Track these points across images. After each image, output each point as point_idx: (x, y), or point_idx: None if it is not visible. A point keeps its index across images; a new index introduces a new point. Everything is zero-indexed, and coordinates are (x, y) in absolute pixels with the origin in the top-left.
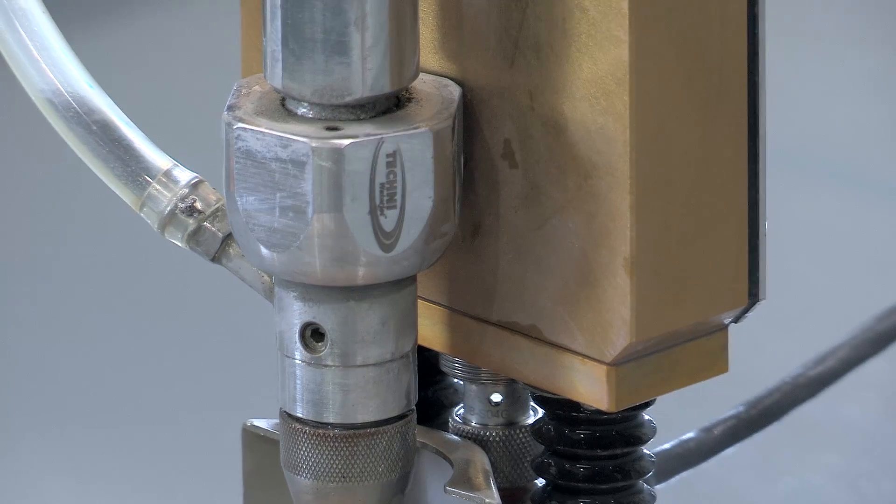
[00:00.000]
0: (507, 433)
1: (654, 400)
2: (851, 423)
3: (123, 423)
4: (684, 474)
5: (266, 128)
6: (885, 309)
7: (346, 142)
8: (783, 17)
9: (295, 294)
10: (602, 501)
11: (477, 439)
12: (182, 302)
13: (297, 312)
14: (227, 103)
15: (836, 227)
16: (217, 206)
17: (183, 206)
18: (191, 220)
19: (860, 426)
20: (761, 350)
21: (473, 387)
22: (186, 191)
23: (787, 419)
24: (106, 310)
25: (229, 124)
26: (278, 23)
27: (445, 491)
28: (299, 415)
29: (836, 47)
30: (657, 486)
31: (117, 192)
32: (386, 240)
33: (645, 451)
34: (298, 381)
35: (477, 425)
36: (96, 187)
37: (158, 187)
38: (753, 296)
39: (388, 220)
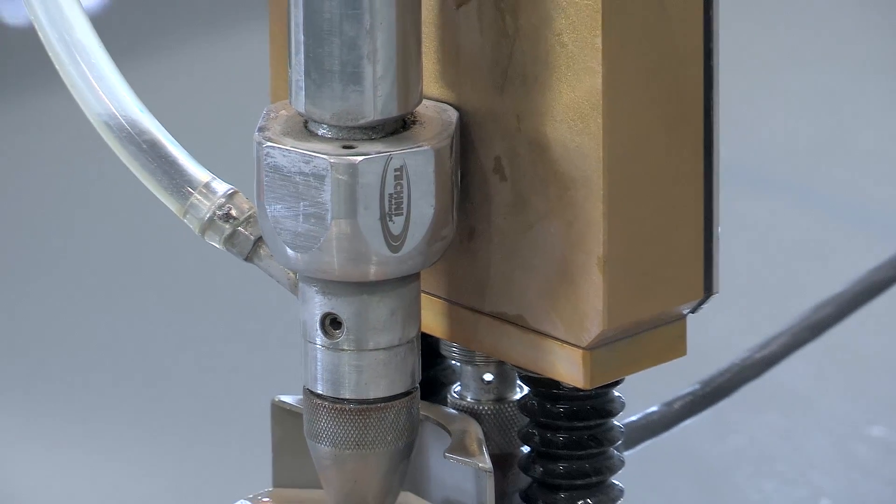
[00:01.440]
0: (497, 407)
1: (623, 379)
2: (790, 389)
3: (167, 399)
4: (648, 442)
5: (291, 146)
6: (820, 301)
7: (360, 158)
8: (733, 50)
9: (316, 288)
10: (578, 466)
11: (471, 412)
12: (224, 298)
13: (317, 304)
14: (258, 125)
15: (776, 230)
16: (249, 213)
17: (220, 213)
18: (227, 226)
19: (797, 391)
20: (714, 336)
21: (468, 368)
22: (223, 200)
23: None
24: (155, 302)
25: (259, 143)
26: (301, 56)
27: (444, 457)
28: (320, 391)
29: (776, 74)
30: (626, 453)
31: (164, 201)
32: (394, 242)
33: (615, 422)
34: (319, 363)
35: (471, 401)
36: (141, 196)
37: (199, 197)
38: (708, 290)
39: (396, 226)
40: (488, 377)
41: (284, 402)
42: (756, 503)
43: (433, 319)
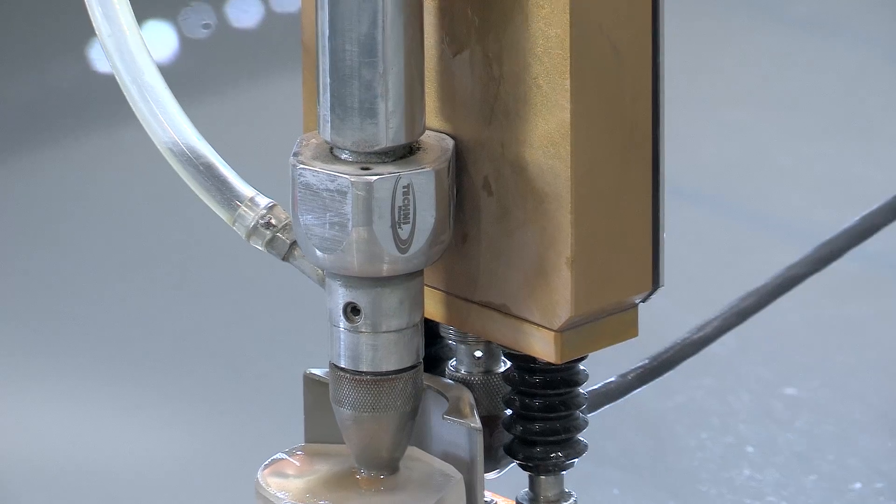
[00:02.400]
0: (485, 378)
1: (587, 355)
2: (720, 359)
3: (211, 371)
4: (608, 406)
5: (319, 168)
6: (744, 293)
7: (375, 178)
8: (676, 89)
9: (339, 283)
10: (551, 426)
11: (464, 382)
12: (261, 289)
13: (341, 295)
14: (293, 151)
15: (710, 234)
16: (286, 222)
17: (262, 222)
18: (268, 232)
19: (725, 360)
20: (660, 321)
21: (462, 346)
22: (265, 211)
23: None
24: (206, 293)
25: (294, 165)
26: (328, 95)
27: (443, 418)
28: (342, 366)
29: (710, 109)
30: (590, 415)
31: (217, 212)
32: (402, 245)
33: (580, 390)
34: (342, 343)
35: (464, 373)
36: (196, 207)
37: (245, 209)
38: (655, 283)
39: (404, 232)
40: (478, 354)
41: (314, 373)
42: (693, 448)
43: (434, 307)
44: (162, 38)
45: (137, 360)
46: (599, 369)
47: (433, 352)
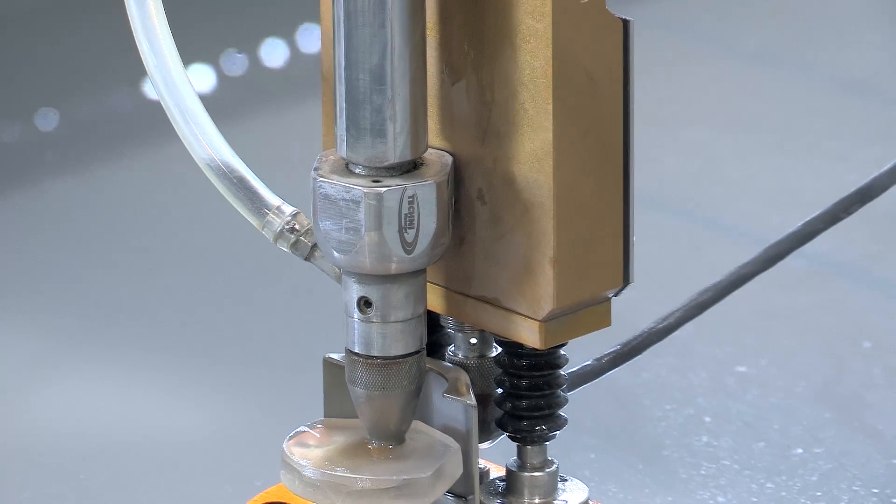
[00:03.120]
0: (480, 361)
1: (567, 342)
2: (680, 340)
3: (245, 358)
4: (585, 385)
5: (336, 180)
6: (703, 288)
7: (384, 189)
8: (644, 111)
9: (354, 279)
10: (536, 402)
11: (461, 365)
12: (287, 288)
13: (355, 290)
14: (314, 166)
15: (672, 237)
16: (307, 227)
17: (287, 227)
18: (292, 236)
19: (685, 342)
20: (630, 312)
21: (459, 334)
22: (289, 218)
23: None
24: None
25: (314, 178)
26: (344, 118)
27: (443, 396)
28: (356, 351)
29: (674, 128)
30: (569, 393)
31: (248, 219)
32: (408, 247)
33: (561, 372)
34: (356, 331)
35: (461, 357)
36: (230, 215)
37: (273, 216)
38: (626, 280)
39: (409, 235)
40: (473, 340)
41: (332, 358)
42: (658, 419)
43: (435, 300)
44: (206, 77)
45: (181, 348)
46: (578, 354)
47: (434, 339)
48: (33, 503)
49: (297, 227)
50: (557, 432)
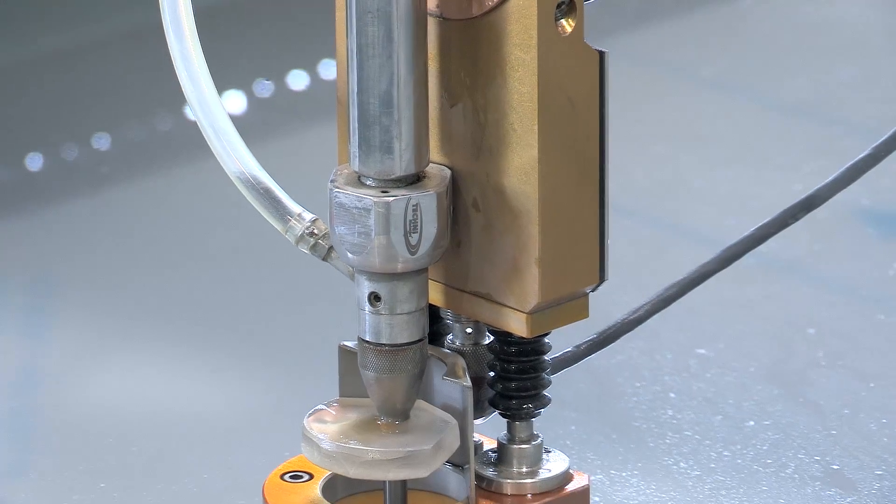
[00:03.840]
0: (474, 348)
1: (550, 331)
2: (647, 327)
3: (274, 343)
4: (567, 369)
5: (350, 191)
6: (668, 284)
7: (392, 199)
8: (617, 129)
9: (365, 277)
10: (523, 384)
11: (458, 352)
12: (307, 284)
13: (366, 286)
14: (330, 178)
15: (641, 240)
16: (325, 231)
17: (307, 231)
18: (311, 239)
19: (651, 329)
20: (605, 305)
21: (457, 325)
22: (309, 224)
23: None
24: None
25: (331, 189)
26: (356, 137)
27: (443, 379)
28: (368, 339)
29: (643, 146)
30: (552, 376)
31: (273, 224)
32: (412, 249)
33: (545, 357)
34: (367, 322)
35: (459, 344)
36: (258, 221)
37: (294, 222)
38: (602, 278)
39: (413, 239)
40: (469, 330)
41: (346, 345)
42: (630, 394)
43: (436, 295)
44: (238, 101)
45: (218, 337)
46: (559, 341)
47: (435, 329)
48: (91, 473)
49: (315, 231)
50: (542, 410)
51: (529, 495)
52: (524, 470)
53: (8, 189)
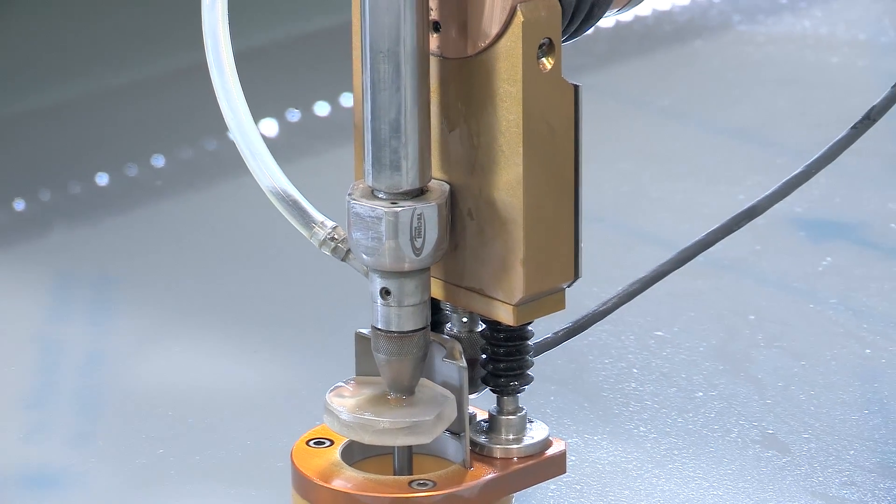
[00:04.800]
0: (469, 335)
1: (533, 321)
2: (614, 314)
3: (302, 329)
4: (547, 352)
5: (365, 203)
6: (632, 281)
7: (400, 209)
8: (588, 150)
9: (377, 274)
10: (510, 364)
11: (455, 337)
12: (329, 281)
13: (378, 282)
14: (348, 192)
15: (609, 243)
16: (344, 236)
17: (329, 237)
18: (332, 243)
19: (617, 314)
20: (579, 298)
21: (454, 314)
22: (330, 230)
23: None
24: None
25: (348, 201)
26: (370, 156)
27: (442, 360)
28: (379, 327)
29: (610, 163)
30: (535, 358)
31: (300, 230)
32: (417, 251)
33: (528, 342)
34: (378, 312)
35: (456, 331)
36: (287, 229)
37: (318, 228)
38: (576, 275)
39: (418, 243)
40: (465, 319)
41: (361, 332)
42: (599, 370)
43: (436, 290)
44: (272, 127)
45: (259, 325)
46: (541, 328)
47: (436, 318)
48: (151, 440)
49: (335, 236)
50: (526, 386)
51: (515, 458)
52: (511, 437)
53: (80, 201)
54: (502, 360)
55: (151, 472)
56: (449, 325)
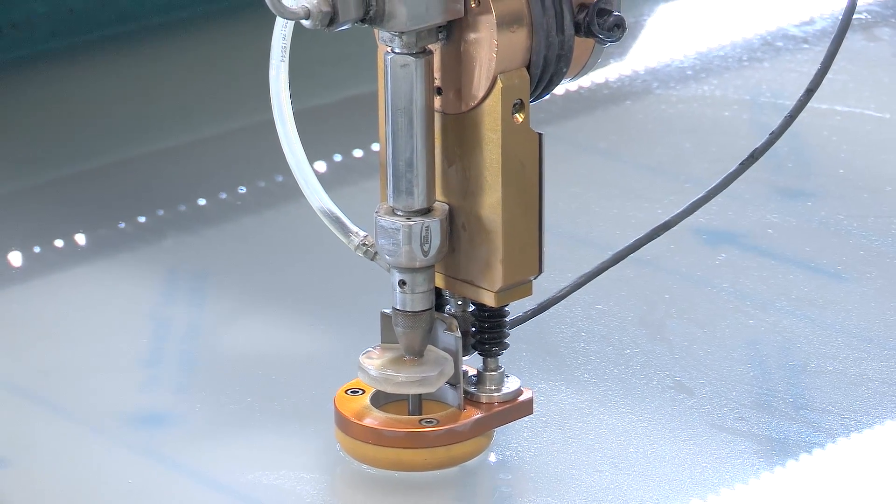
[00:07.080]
0: (463, 314)
1: (509, 304)
2: (570, 299)
3: (337, 306)
4: (519, 326)
5: (387, 218)
6: (580, 273)
7: (412, 223)
8: (549, 178)
9: (396, 270)
10: (491, 336)
11: (453, 316)
12: (362, 276)
13: (397, 276)
14: (375, 210)
15: (564, 248)
16: (372, 243)
17: (361, 243)
18: (364, 247)
19: (572, 298)
20: (542, 287)
21: (452, 299)
22: (363, 238)
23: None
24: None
25: (376, 217)
26: (391, 185)
27: (443, 332)
28: (398, 308)
29: (562, 189)
30: (511, 330)
31: (340, 238)
32: (425, 254)
33: (506, 318)
34: (397, 297)
35: (453, 311)
36: (330, 237)
37: (354, 237)
38: (541, 270)
39: (426, 248)
40: (460, 302)
41: (385, 311)
42: (556, 333)
43: (439, 281)
44: (320, 165)
45: (310, 306)
46: (515, 309)
47: (439, 301)
48: (239, 392)
49: (367, 243)
50: (504, 351)
51: (496, 403)
52: (493, 388)
53: (186, 217)
54: (486, 332)
55: (240, 416)
56: (448, 306)
